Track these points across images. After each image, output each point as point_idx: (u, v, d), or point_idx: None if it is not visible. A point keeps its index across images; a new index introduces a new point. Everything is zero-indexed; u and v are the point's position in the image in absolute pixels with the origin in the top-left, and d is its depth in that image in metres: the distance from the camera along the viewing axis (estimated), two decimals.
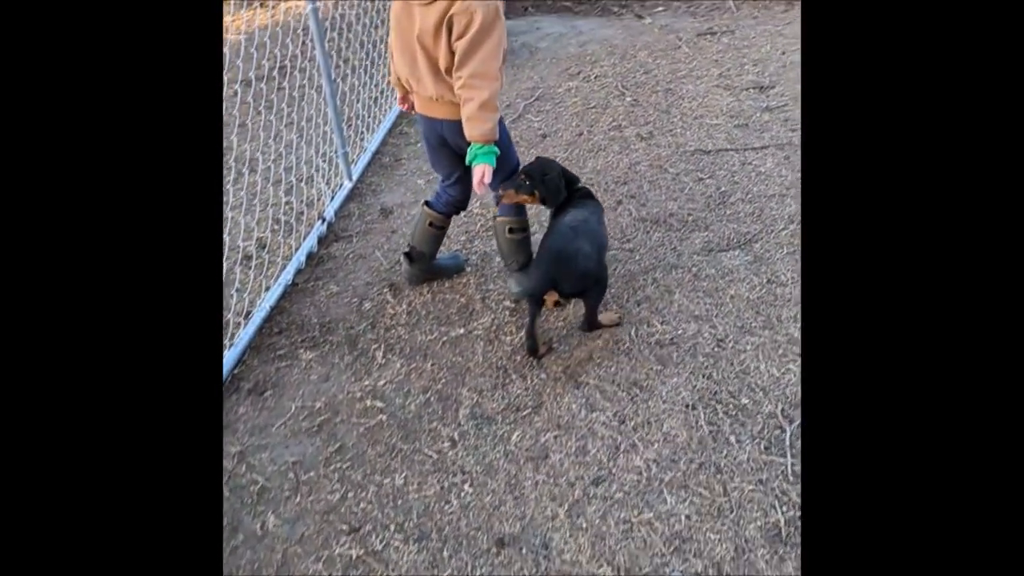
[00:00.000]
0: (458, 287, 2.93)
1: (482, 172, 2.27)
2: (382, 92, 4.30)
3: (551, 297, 2.44)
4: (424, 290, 2.92)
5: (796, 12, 5.31)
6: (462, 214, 2.91)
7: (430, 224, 2.78)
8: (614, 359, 2.49)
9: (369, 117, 4.04)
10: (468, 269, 3.02)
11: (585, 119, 4.14)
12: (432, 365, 2.56)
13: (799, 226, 3.08)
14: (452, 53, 2.20)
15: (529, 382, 2.45)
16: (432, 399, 2.42)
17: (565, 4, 5.88)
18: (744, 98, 4.17)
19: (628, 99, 4.30)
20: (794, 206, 3.20)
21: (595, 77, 4.62)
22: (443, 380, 2.49)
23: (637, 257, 2.98)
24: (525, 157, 2.79)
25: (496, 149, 2.30)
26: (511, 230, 2.68)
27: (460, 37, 2.16)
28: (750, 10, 5.45)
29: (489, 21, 2.15)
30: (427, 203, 2.78)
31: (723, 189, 3.36)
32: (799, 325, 2.57)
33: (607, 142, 3.87)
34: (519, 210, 2.66)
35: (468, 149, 2.30)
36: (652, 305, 2.71)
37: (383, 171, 3.81)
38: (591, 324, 2.56)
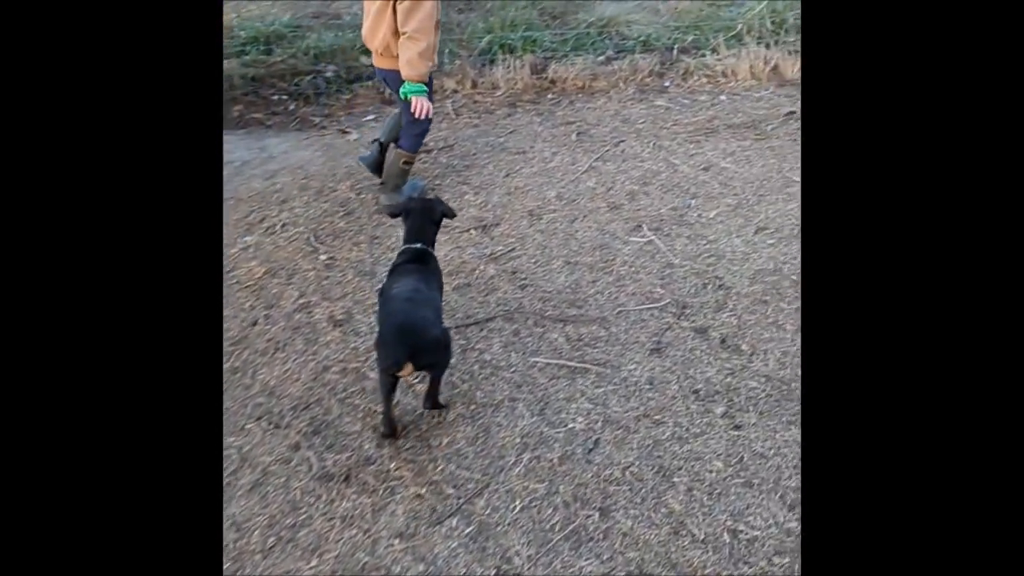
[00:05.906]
0: None
1: (416, 103, 3.24)
2: None
3: (407, 371, 2.24)
4: None
5: (519, 118, 4.76)
6: None
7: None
8: None
9: None
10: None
11: (263, 296, 3.13)
12: None
13: (538, 459, 2.29)
14: (395, 15, 3.12)
15: None
16: None
17: (255, 116, 4.85)
18: (465, 244, 3.43)
19: (323, 258, 3.36)
20: (528, 418, 2.43)
21: (282, 226, 3.62)
22: None
23: (302, 557, 1.99)
24: None
25: (425, 87, 3.24)
26: (406, 162, 3.54)
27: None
28: (470, 117, 4.81)
29: None
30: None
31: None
32: None
33: (289, 334, 2.89)
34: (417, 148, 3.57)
35: (402, 87, 3.23)
36: None
37: None
38: (435, 401, 2.43)
